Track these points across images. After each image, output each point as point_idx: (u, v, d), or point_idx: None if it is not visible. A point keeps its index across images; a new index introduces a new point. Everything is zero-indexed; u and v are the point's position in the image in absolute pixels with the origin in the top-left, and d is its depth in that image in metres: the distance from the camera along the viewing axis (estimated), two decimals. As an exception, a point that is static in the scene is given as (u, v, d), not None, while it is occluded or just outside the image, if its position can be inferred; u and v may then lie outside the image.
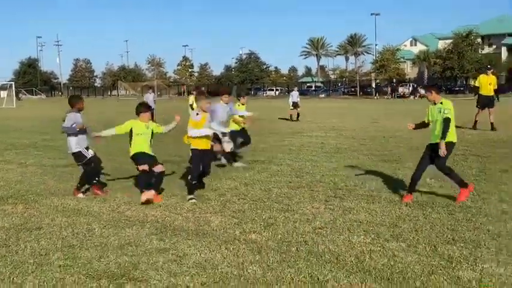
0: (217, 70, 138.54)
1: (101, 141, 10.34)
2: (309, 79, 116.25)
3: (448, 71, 75.30)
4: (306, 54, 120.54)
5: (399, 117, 25.93)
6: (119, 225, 6.91)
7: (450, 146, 7.86)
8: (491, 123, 18.27)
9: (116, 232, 6.59)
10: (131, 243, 6.11)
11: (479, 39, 79.88)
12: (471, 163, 11.31)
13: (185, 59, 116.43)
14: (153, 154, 8.42)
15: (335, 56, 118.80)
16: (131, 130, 8.29)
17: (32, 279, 5.10)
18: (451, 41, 77.49)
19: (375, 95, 71.48)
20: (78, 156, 8.67)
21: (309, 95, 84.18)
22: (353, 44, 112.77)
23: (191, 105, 17.52)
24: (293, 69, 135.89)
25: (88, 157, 8.68)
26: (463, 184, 7.86)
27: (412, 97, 63.76)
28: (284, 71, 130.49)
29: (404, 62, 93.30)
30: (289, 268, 5.23)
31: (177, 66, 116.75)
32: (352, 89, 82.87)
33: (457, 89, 73.97)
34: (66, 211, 7.74)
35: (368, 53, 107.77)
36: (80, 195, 8.66)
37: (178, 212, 7.53)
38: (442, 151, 7.69)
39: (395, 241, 6.03)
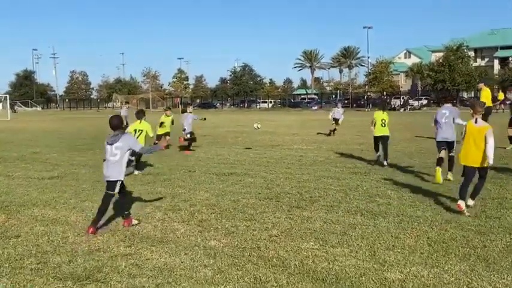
0: (212, 82, 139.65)
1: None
2: (303, 91, 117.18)
3: (439, 84, 76.19)
4: (300, 66, 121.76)
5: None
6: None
7: None
8: None
9: (87, 239, 7.16)
10: (100, 249, 6.69)
11: (471, 52, 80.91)
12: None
13: (180, 71, 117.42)
14: None
15: (328, 68, 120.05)
16: None
17: (6, 280, 5.67)
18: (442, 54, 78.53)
19: (367, 108, 72.24)
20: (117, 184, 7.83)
21: (301, 107, 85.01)
22: (347, 57, 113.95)
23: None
24: (288, 81, 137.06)
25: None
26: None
27: (402, 110, 64.53)
28: (279, 82, 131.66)
29: (398, 74, 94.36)
30: (238, 271, 5.82)
31: (172, 78, 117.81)
32: (346, 101, 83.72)
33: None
34: (45, 221, 8.30)
35: (362, 65, 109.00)
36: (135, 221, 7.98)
37: (149, 222, 8.10)
38: None
39: (340, 247, 6.62)
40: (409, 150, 17.05)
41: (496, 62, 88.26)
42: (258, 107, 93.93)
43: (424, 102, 75.32)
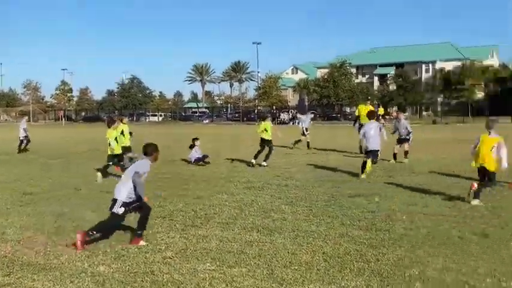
0: (98, 95, 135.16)
1: None
2: (194, 104, 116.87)
3: (324, 99, 79.42)
4: (190, 80, 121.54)
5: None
6: (-38, 262, 6.71)
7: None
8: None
9: (-43, 270, 6.39)
10: (-28, 281, 5.99)
11: (353, 69, 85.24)
12: (326, 189, 12.16)
13: (63, 83, 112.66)
14: None
15: (219, 82, 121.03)
16: None
17: None
18: (327, 70, 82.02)
19: (257, 121, 73.28)
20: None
21: (192, 120, 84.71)
22: (237, 71, 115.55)
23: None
24: (178, 94, 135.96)
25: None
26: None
27: (291, 123, 66.28)
28: (170, 96, 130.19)
29: (286, 89, 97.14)
30: (130, 298, 5.42)
31: (55, 90, 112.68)
32: (236, 115, 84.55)
33: (334, 115, 78.26)
34: None
35: (252, 80, 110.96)
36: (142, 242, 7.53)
37: (30, 247, 7.42)
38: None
39: (237, 267, 6.42)
40: (301, 164, 17.37)
41: (376, 78, 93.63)
42: (147, 120, 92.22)
43: (311, 116, 77.81)
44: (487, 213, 9.26)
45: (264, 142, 17.20)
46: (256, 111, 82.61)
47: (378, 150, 13.98)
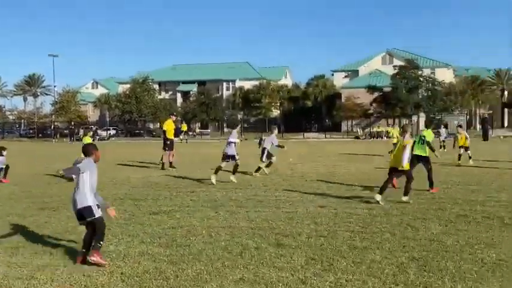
0: None
1: None
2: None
3: (127, 115, 78.14)
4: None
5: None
6: None
7: None
8: (170, 163, 20.59)
9: None
10: None
11: (156, 85, 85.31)
12: (126, 206, 11.86)
13: None
14: None
15: (11, 97, 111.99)
16: None
17: None
18: (129, 85, 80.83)
19: (54, 138, 69.06)
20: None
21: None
22: (31, 85, 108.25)
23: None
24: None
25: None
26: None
27: (92, 140, 63.75)
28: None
29: (86, 104, 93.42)
30: None
31: None
32: (31, 131, 78.74)
33: (137, 131, 77.34)
34: None
35: (48, 94, 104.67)
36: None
37: None
38: None
39: (25, 296, 5.90)
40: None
41: (179, 95, 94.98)
42: None
43: (113, 132, 76.06)
44: (281, 223, 9.83)
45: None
46: (53, 127, 77.82)
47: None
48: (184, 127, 60.26)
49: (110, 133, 73.48)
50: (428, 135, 14.69)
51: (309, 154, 30.67)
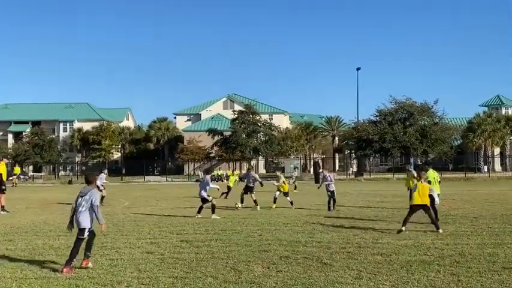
0: None
1: None
2: None
3: None
4: None
5: None
6: None
7: None
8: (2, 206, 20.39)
9: None
10: None
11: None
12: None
13: None
14: None
15: None
16: None
17: None
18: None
19: None
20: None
21: None
22: None
23: None
24: None
25: None
26: None
27: None
28: None
29: None
30: None
31: None
32: None
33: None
34: None
35: None
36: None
37: None
38: None
39: None
40: None
41: (10, 136, 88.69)
42: None
43: None
44: (102, 272, 9.32)
45: None
46: None
47: None
48: (17, 170, 56.40)
49: None
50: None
51: (145, 198, 30.07)
